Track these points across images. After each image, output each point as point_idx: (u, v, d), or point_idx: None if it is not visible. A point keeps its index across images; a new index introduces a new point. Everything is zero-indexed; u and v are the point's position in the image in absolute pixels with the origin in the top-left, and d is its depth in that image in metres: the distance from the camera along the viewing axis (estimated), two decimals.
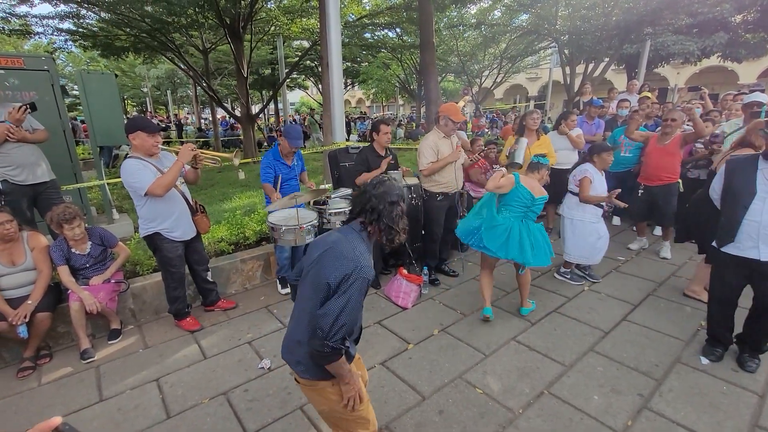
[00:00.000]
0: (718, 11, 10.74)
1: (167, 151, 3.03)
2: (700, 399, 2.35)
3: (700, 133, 3.98)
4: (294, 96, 37.20)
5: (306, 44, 14.04)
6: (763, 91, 4.70)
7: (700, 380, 2.51)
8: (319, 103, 18.61)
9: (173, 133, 18.77)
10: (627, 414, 2.26)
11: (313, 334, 1.40)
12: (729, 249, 2.48)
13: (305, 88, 25.22)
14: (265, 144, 14.32)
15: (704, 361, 2.69)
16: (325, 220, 3.47)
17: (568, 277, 3.92)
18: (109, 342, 3.07)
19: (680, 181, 4.28)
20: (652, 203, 4.27)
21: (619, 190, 3.53)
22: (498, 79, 19.03)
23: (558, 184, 4.76)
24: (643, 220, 4.69)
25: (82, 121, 12.13)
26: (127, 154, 2.82)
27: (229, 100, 24.59)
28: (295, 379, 1.61)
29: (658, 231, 5.07)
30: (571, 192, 3.75)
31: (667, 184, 4.16)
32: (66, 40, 10.71)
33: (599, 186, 3.61)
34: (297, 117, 24.28)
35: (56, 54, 19.09)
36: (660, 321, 3.18)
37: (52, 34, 10.03)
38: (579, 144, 4.79)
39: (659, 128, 4.37)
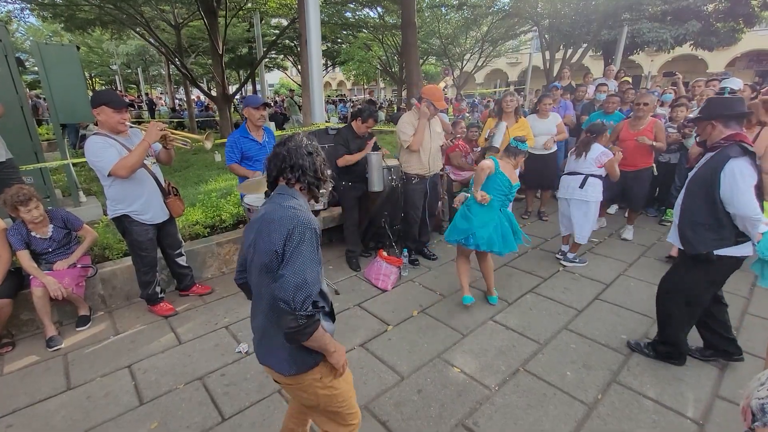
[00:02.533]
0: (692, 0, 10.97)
1: (138, 129, 2.85)
2: (665, 372, 2.46)
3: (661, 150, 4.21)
4: (273, 77, 36.10)
5: (284, 22, 13.56)
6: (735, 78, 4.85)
7: None
8: (299, 85, 18.14)
9: (145, 114, 17.98)
10: (597, 388, 2.34)
11: (279, 313, 1.23)
12: None
13: (284, 68, 24.46)
14: None
15: None
16: None
17: (578, 261, 3.91)
18: (78, 329, 2.95)
19: (654, 165, 4.36)
20: (625, 187, 4.35)
21: None
22: (479, 63, 18.97)
23: (540, 169, 4.81)
24: (612, 202, 4.85)
25: (45, 99, 11.44)
26: (96, 133, 2.65)
27: (204, 79, 23.60)
28: (276, 381, 1.49)
29: (612, 210, 5.29)
30: (593, 175, 3.63)
31: (641, 169, 4.22)
32: (22, 9, 9.93)
33: None
34: (276, 98, 23.61)
35: (14, 26, 17.82)
36: (630, 299, 3.29)
37: (6, 2, 9.30)
38: (563, 134, 4.78)
39: (632, 113, 4.42)
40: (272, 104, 19.00)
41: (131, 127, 2.77)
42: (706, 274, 2.27)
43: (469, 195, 3.05)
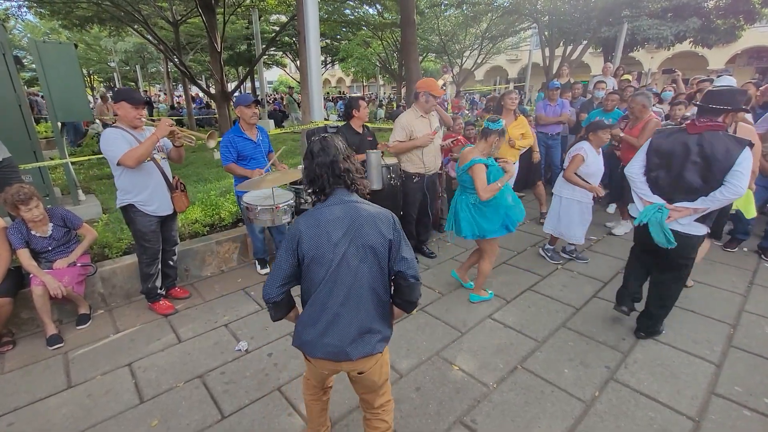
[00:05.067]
0: None
1: (152, 127, 2.94)
2: (662, 369, 2.48)
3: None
4: (272, 74, 35.99)
5: (283, 18, 13.51)
6: (731, 75, 4.84)
7: (662, 352, 2.64)
8: (298, 82, 18.09)
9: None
10: (595, 385, 2.36)
11: (412, 287, 1.53)
12: None
13: (283, 65, 24.39)
14: None
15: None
16: (302, 200, 3.40)
17: (549, 255, 3.96)
18: (78, 327, 2.97)
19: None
20: (624, 184, 4.34)
21: (604, 192, 3.49)
22: (479, 60, 18.92)
23: (524, 166, 4.81)
24: (611, 201, 4.84)
25: (43, 97, 11.40)
26: (98, 132, 2.71)
27: (203, 77, 23.51)
28: (360, 374, 1.55)
29: (611, 209, 5.25)
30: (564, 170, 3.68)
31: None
32: (20, 6, 9.88)
33: (594, 164, 3.54)
34: (275, 96, 23.53)
35: (11, 23, 17.73)
36: None
37: None
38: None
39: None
40: (270, 102, 18.97)
41: (147, 125, 2.91)
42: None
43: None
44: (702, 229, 2.50)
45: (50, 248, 2.88)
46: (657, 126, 4.08)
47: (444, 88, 5.30)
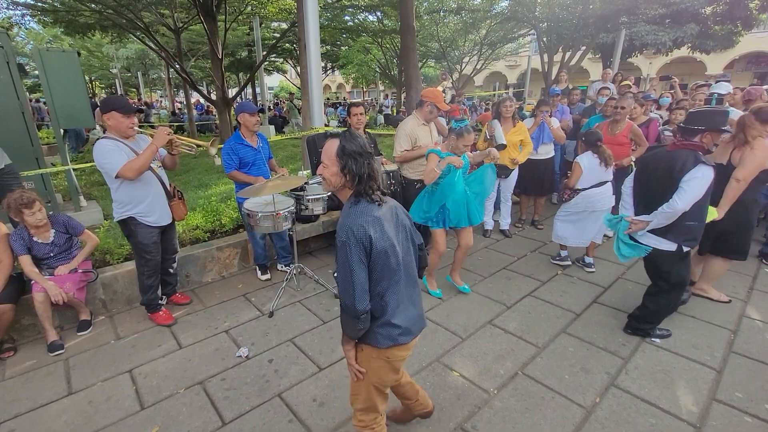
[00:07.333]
0: (690, 3, 11.03)
1: (145, 135, 2.92)
2: (663, 375, 2.48)
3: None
4: (273, 80, 36.20)
5: (284, 26, 13.61)
6: (728, 81, 4.87)
7: (663, 358, 2.64)
8: (299, 88, 18.19)
9: (141, 117, 18.00)
10: (595, 391, 2.36)
11: (424, 254, 1.83)
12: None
13: (284, 71, 24.55)
14: None
15: (657, 340, 2.83)
16: (303, 207, 3.42)
17: (589, 264, 3.95)
18: (79, 333, 2.97)
19: (633, 164, 4.13)
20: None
21: None
22: (478, 66, 19.05)
23: (539, 174, 4.81)
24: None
25: (45, 103, 11.47)
26: (99, 138, 2.71)
27: (204, 83, 23.69)
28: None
29: None
30: (610, 180, 3.66)
31: (618, 169, 4.02)
32: (23, 15, 9.99)
33: None
34: (277, 101, 23.66)
35: (14, 31, 17.88)
36: (628, 303, 3.30)
37: (7, 8, 9.36)
38: (560, 138, 4.76)
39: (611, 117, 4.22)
40: (271, 107, 19.06)
41: (138, 132, 2.84)
42: None
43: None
44: (663, 244, 2.56)
45: (52, 254, 2.89)
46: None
47: (444, 92, 5.33)
